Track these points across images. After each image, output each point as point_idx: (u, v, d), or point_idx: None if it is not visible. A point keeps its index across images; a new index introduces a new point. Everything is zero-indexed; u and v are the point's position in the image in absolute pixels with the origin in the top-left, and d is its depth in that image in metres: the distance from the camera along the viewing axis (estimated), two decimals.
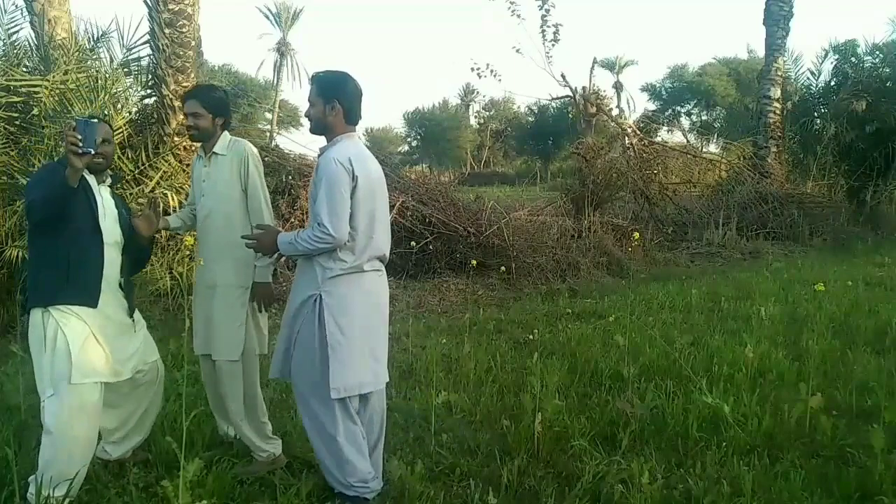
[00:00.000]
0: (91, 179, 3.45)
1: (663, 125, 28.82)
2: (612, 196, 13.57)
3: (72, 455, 3.20)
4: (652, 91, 53.23)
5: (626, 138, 17.01)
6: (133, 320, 3.58)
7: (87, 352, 3.24)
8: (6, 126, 7.47)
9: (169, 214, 4.08)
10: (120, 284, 3.50)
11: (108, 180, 3.58)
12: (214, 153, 3.77)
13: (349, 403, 3.27)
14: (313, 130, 3.41)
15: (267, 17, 58.69)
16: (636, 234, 11.15)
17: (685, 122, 49.97)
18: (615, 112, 37.96)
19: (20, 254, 6.95)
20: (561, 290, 9.23)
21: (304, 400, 3.31)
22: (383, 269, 3.46)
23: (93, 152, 3.08)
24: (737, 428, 4.14)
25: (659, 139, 20.83)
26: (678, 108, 51.77)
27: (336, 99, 3.27)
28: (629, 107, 56.43)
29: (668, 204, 14.94)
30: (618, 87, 59.75)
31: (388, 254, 3.44)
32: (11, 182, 7.34)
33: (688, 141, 24.70)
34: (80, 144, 3.01)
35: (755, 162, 16.67)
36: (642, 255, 12.01)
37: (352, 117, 3.34)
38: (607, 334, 6.37)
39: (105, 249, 3.39)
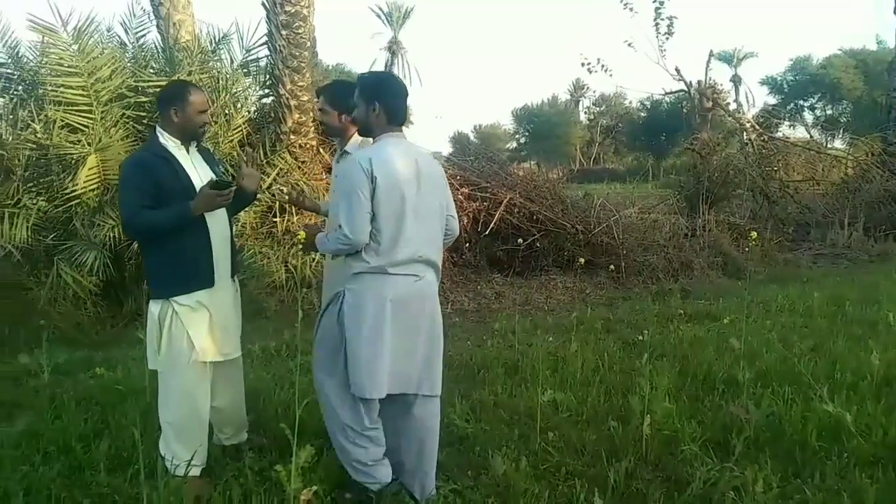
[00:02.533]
0: (180, 153, 3.50)
1: (784, 120, 27.56)
2: (728, 194, 13.14)
3: (186, 431, 3.46)
4: (772, 84, 51.20)
5: (745, 133, 16.48)
6: (235, 283, 3.73)
7: (203, 333, 3.43)
8: (135, 125, 7.92)
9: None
10: (232, 241, 3.66)
11: (195, 143, 3.64)
12: (345, 151, 3.77)
13: (366, 405, 3.24)
14: (360, 133, 3.46)
15: (379, 17, 60.06)
16: (754, 234, 10.68)
17: (808, 116, 47.59)
18: (732, 106, 36.71)
19: None
20: (673, 291, 9.00)
21: (321, 387, 3.35)
22: (426, 274, 3.29)
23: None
24: (860, 438, 3.91)
25: (780, 134, 19.95)
26: (801, 101, 49.50)
27: (376, 100, 3.25)
28: (748, 101, 54.38)
29: (789, 202, 14.29)
30: (736, 80, 57.71)
31: (433, 257, 3.31)
32: None
33: (811, 136, 23.48)
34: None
35: (884, 158, 15.69)
36: (760, 255, 11.54)
37: (394, 118, 3.29)
38: (721, 337, 6.14)
39: (210, 226, 3.48)
